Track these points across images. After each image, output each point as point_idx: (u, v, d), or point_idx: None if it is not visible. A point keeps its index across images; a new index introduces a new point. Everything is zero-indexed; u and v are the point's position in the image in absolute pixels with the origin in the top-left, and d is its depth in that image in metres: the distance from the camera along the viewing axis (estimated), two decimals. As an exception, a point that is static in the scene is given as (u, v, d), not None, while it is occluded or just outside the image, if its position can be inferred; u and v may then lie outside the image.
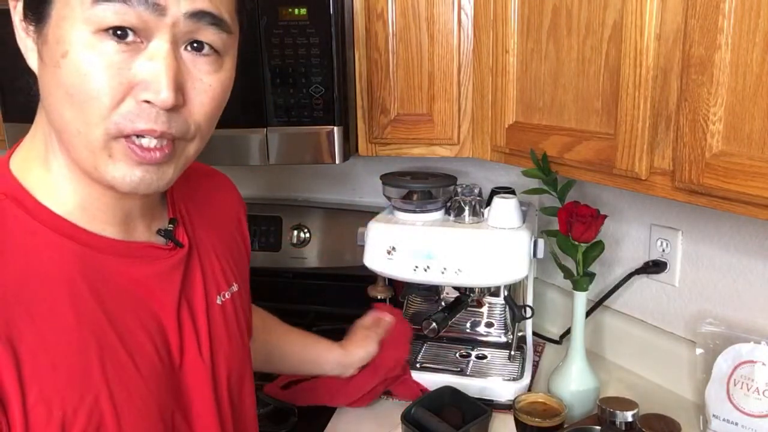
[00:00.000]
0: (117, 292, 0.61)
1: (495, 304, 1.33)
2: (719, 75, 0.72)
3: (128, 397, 0.59)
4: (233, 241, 0.82)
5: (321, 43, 1.12)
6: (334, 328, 1.52)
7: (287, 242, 1.57)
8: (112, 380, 0.58)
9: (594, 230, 1.05)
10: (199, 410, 0.68)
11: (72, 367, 0.56)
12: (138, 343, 0.62)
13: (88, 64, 0.53)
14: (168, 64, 0.54)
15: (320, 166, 1.65)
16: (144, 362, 0.62)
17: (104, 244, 0.61)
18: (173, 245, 0.67)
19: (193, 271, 0.70)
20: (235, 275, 0.78)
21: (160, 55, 0.54)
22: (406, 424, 1.01)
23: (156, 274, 0.65)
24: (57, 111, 0.56)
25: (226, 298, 0.74)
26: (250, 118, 1.17)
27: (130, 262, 0.63)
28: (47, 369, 0.55)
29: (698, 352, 1.09)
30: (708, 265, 1.14)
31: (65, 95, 0.54)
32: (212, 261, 0.73)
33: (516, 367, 1.24)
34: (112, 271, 0.61)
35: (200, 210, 0.74)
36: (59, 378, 0.55)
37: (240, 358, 0.76)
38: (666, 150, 0.82)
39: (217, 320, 0.71)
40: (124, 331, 0.61)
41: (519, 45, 1.06)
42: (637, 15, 0.81)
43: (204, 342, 0.69)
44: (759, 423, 0.97)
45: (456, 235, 1.16)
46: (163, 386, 0.64)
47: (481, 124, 1.16)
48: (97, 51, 0.53)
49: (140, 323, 0.63)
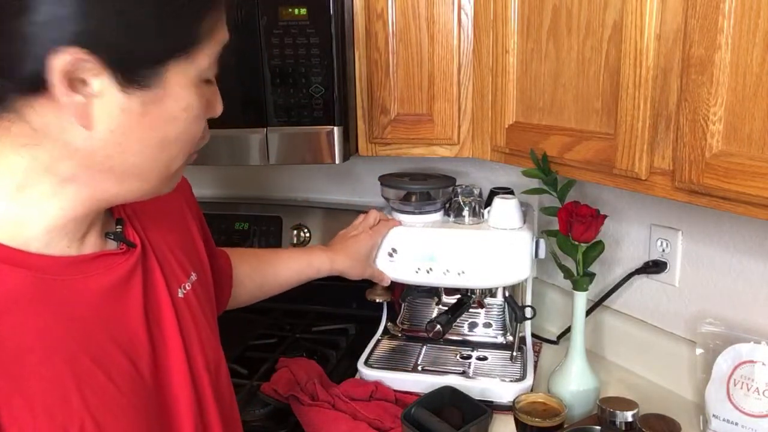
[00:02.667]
0: (82, 312, 0.59)
1: (493, 304, 1.33)
2: (719, 75, 0.72)
3: (113, 419, 0.59)
4: (182, 230, 0.81)
5: (321, 43, 1.12)
6: (334, 328, 1.53)
7: (287, 242, 1.57)
8: (94, 406, 0.57)
9: (594, 230, 1.05)
10: (184, 408, 0.68)
11: (49, 404, 0.55)
12: (113, 361, 0.61)
13: (198, 109, 0.60)
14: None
15: (320, 166, 1.65)
16: (123, 380, 0.61)
17: (57, 265, 0.59)
18: (126, 247, 0.66)
19: (151, 269, 0.69)
20: (192, 264, 0.77)
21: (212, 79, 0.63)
22: (406, 424, 1.01)
23: (116, 282, 0.63)
24: (142, 155, 0.58)
25: (187, 290, 0.73)
26: (250, 118, 1.17)
27: (88, 277, 0.61)
28: (24, 412, 0.53)
29: (698, 352, 1.09)
30: (708, 265, 1.14)
31: (172, 141, 0.59)
32: (167, 255, 0.72)
33: (518, 367, 1.23)
34: (73, 290, 0.59)
35: (142, 206, 0.72)
36: (38, 417, 0.54)
37: (212, 346, 0.75)
38: (666, 150, 0.82)
39: (184, 314, 0.71)
40: (97, 353, 0.59)
41: (519, 45, 1.06)
42: (637, 15, 0.81)
43: (176, 339, 0.68)
44: (759, 423, 0.97)
45: (459, 236, 1.16)
46: (146, 398, 0.63)
47: (481, 124, 1.16)
48: (202, 98, 0.61)
49: (111, 338, 0.61)
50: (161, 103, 0.57)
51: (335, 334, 1.49)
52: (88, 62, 0.51)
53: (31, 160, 0.56)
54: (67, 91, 0.52)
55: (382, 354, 1.30)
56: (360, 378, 1.24)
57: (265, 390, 1.17)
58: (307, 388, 1.15)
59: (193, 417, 0.69)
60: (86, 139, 0.55)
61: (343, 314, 1.55)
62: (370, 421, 1.07)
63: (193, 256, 0.80)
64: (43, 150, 0.55)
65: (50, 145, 0.55)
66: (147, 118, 0.57)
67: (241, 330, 1.47)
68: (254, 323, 1.52)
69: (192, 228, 0.84)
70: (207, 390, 0.72)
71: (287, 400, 1.14)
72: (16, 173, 0.56)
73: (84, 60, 0.51)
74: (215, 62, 0.61)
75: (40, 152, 0.56)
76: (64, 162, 0.56)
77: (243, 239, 1.60)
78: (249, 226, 1.61)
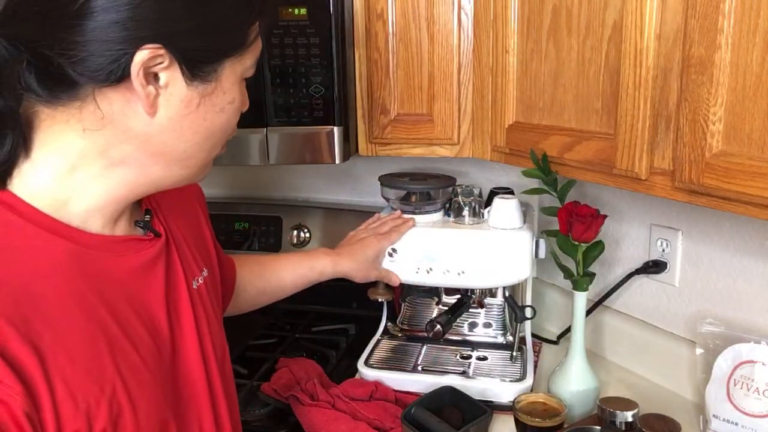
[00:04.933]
0: (112, 287, 0.63)
1: (493, 304, 1.33)
2: (719, 75, 0.72)
3: (138, 386, 0.62)
4: (197, 228, 0.86)
5: (321, 43, 1.12)
6: (334, 328, 1.53)
7: (287, 242, 1.57)
8: (124, 372, 0.61)
9: (594, 230, 1.05)
10: (195, 390, 0.72)
11: (87, 361, 0.59)
12: (138, 335, 0.65)
13: (240, 103, 0.68)
14: None
15: (320, 166, 1.65)
16: (147, 353, 0.65)
17: (93, 241, 0.63)
18: (152, 235, 0.71)
19: (172, 258, 0.73)
20: (205, 260, 0.82)
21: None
22: (406, 424, 1.01)
23: (142, 265, 0.68)
24: (191, 142, 0.64)
25: (200, 283, 0.78)
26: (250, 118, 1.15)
27: (119, 257, 0.65)
28: (67, 363, 0.57)
29: (698, 352, 1.09)
30: (708, 265, 1.14)
31: (217, 130, 0.66)
32: (184, 248, 0.77)
33: (518, 367, 1.23)
34: (105, 266, 0.64)
35: (165, 199, 0.78)
36: (78, 371, 0.57)
37: (219, 338, 0.80)
38: (666, 150, 0.82)
39: (197, 303, 0.75)
40: (125, 324, 0.63)
41: (519, 45, 1.06)
42: (637, 15, 0.81)
43: (191, 326, 0.72)
44: (759, 423, 0.97)
45: (459, 236, 1.16)
46: (164, 373, 0.67)
47: (481, 124, 1.16)
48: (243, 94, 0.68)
49: (137, 315, 0.65)
50: (213, 96, 0.64)
51: (335, 334, 1.49)
52: (164, 57, 0.58)
53: (90, 143, 0.61)
54: (143, 83, 0.58)
55: (382, 354, 1.30)
56: (360, 378, 1.24)
57: (265, 390, 1.17)
58: (307, 388, 1.15)
59: (209, 399, 0.73)
60: (146, 125, 0.61)
61: (343, 314, 1.55)
62: (370, 421, 1.07)
63: (205, 255, 0.84)
64: (103, 134, 0.60)
65: (111, 130, 0.60)
66: (201, 109, 0.63)
67: (241, 330, 1.47)
68: (254, 323, 1.52)
69: (205, 231, 0.89)
70: (216, 379, 0.76)
71: (287, 400, 1.14)
72: (71, 154, 0.61)
73: (160, 56, 0.58)
74: (255, 64, 0.68)
75: (99, 136, 0.61)
76: (119, 146, 0.62)
77: (243, 239, 1.60)
78: (249, 226, 1.61)
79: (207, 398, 0.73)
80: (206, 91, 0.63)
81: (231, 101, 0.66)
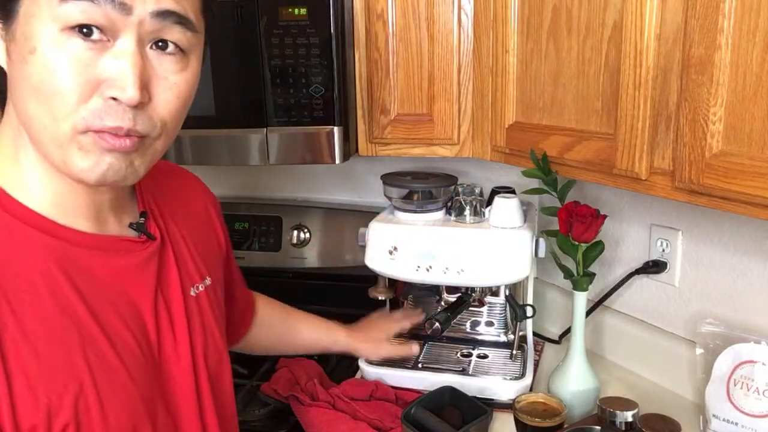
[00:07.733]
0: (94, 284, 0.62)
1: (495, 303, 1.33)
2: (719, 75, 0.72)
3: (111, 385, 0.61)
4: (204, 235, 0.83)
5: (321, 43, 1.12)
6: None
7: (287, 242, 1.57)
8: (95, 369, 0.60)
9: (594, 230, 1.04)
10: (181, 400, 0.70)
11: (55, 356, 0.57)
12: (118, 334, 0.63)
13: (55, 60, 0.55)
14: (134, 63, 0.56)
15: (320, 166, 1.65)
16: (125, 352, 0.63)
17: (78, 238, 0.62)
18: (146, 238, 0.69)
19: (167, 263, 0.71)
20: (208, 269, 0.80)
21: (127, 53, 0.56)
22: (406, 424, 1.01)
23: (131, 266, 0.66)
24: (24, 106, 0.57)
25: (200, 291, 0.76)
26: (250, 118, 1.17)
27: (105, 255, 0.64)
28: (30, 357, 0.56)
29: (698, 352, 1.08)
30: (708, 265, 1.14)
31: (32, 90, 0.56)
32: (184, 254, 0.75)
33: (518, 366, 1.24)
34: (88, 263, 0.62)
35: (169, 204, 0.76)
36: (43, 366, 0.56)
37: (217, 350, 0.77)
38: (666, 150, 0.82)
39: (193, 312, 0.73)
40: (104, 322, 0.62)
41: (519, 45, 1.05)
42: (637, 15, 0.81)
43: (183, 333, 0.70)
44: (759, 423, 0.97)
45: (458, 234, 1.16)
46: (145, 376, 0.65)
47: (481, 124, 1.16)
48: (64, 48, 0.55)
49: (119, 315, 0.64)
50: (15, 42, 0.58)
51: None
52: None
53: (8, 113, 0.61)
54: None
55: (383, 352, 1.30)
56: (361, 375, 1.24)
57: (265, 390, 1.17)
58: (307, 388, 1.15)
59: (197, 412, 0.71)
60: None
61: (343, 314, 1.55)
62: (370, 421, 1.07)
63: (211, 263, 0.82)
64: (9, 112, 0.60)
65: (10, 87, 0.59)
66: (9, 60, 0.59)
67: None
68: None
69: (218, 240, 0.87)
70: (206, 392, 0.73)
71: (287, 400, 1.14)
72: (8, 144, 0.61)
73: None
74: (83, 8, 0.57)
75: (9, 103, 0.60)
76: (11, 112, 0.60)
77: (243, 239, 1.60)
78: (249, 226, 1.61)
79: (195, 411, 0.71)
80: (9, 34, 0.57)
81: (31, 50, 0.55)
